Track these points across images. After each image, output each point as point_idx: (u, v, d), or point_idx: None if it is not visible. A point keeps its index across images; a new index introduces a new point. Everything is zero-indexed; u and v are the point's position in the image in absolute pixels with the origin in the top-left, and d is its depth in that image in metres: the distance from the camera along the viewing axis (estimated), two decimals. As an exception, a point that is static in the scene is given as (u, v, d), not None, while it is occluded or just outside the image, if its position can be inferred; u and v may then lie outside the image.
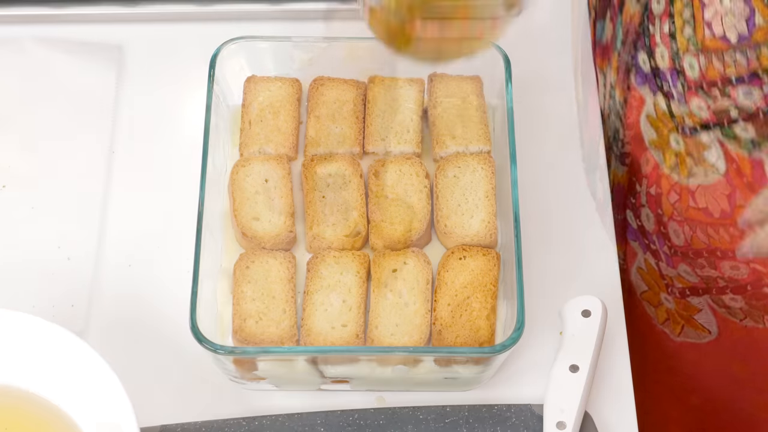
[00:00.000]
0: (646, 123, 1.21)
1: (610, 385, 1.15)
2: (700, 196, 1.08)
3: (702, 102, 1.13)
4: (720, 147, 1.16)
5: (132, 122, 1.30)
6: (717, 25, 1.08)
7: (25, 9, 1.35)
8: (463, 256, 1.13)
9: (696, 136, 1.17)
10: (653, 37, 1.15)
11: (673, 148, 1.20)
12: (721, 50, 1.09)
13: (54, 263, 1.21)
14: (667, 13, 1.12)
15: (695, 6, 1.09)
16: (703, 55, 1.11)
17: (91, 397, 1.05)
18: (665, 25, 1.13)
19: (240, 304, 1.12)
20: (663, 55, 1.14)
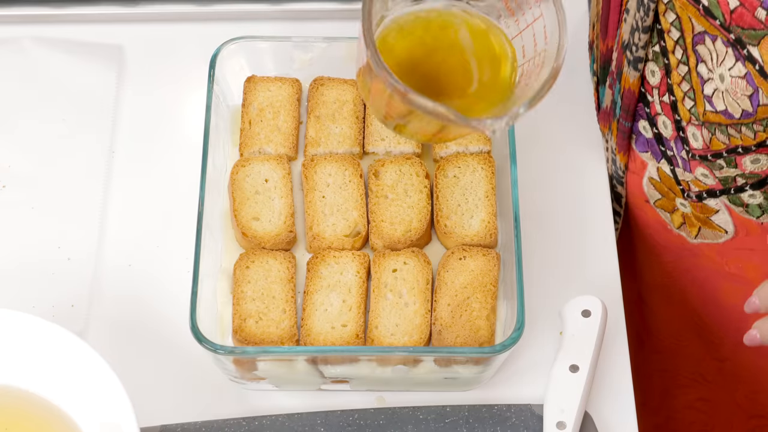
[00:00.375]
0: (650, 185, 1.21)
1: (610, 385, 1.15)
2: (718, 101, 1.08)
3: (707, 171, 1.13)
4: (728, 211, 1.16)
5: (132, 122, 1.30)
6: (718, 101, 1.08)
7: (25, 9, 1.35)
8: (463, 256, 1.13)
9: (703, 201, 1.17)
10: (653, 105, 1.15)
11: (680, 210, 1.20)
12: (724, 124, 1.09)
13: (54, 263, 1.21)
14: (665, 84, 1.12)
15: (694, 81, 1.09)
16: (706, 128, 1.11)
17: (91, 397, 1.05)
18: (664, 96, 1.13)
19: (240, 304, 1.12)
20: (665, 123, 1.14)
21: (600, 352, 1.14)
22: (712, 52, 1.06)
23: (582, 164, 1.28)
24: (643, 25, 1.10)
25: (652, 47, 1.12)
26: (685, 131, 1.13)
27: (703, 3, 1.03)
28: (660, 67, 1.12)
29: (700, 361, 1.35)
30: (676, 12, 1.07)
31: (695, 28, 1.06)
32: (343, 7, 1.36)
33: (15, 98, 1.30)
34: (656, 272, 1.31)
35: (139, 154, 1.28)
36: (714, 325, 1.30)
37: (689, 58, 1.08)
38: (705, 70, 1.07)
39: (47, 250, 1.22)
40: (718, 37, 1.04)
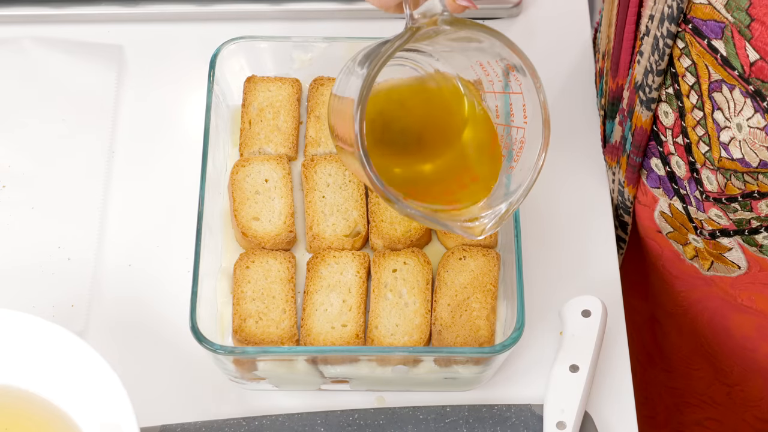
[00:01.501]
0: (661, 218, 1.21)
1: (610, 385, 1.15)
2: (734, 149, 1.08)
3: (721, 212, 1.13)
4: (741, 249, 1.16)
5: (132, 122, 1.30)
6: (735, 150, 1.07)
7: (25, 9, 1.35)
8: (463, 256, 1.13)
9: (716, 239, 1.17)
10: (666, 145, 1.14)
11: (693, 244, 1.20)
12: (740, 171, 1.08)
13: (54, 263, 1.21)
14: (679, 126, 1.11)
15: (709, 127, 1.08)
16: (721, 174, 1.10)
17: (91, 397, 1.05)
18: (678, 138, 1.12)
19: (240, 304, 1.12)
20: (679, 164, 1.14)
21: (600, 352, 1.14)
22: (730, 101, 1.05)
23: (582, 164, 1.28)
24: (658, 68, 1.09)
25: (666, 89, 1.11)
26: (699, 173, 1.12)
27: (722, 53, 1.02)
28: (674, 109, 1.11)
29: (709, 385, 1.35)
30: (692, 58, 1.06)
31: (712, 75, 1.05)
32: (343, 7, 1.36)
33: (15, 98, 1.30)
34: (667, 300, 1.30)
35: (139, 154, 1.28)
36: (724, 354, 1.30)
37: (704, 104, 1.07)
38: (722, 117, 1.06)
39: (47, 250, 1.22)
40: (737, 87, 1.03)
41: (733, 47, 1.01)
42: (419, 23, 0.99)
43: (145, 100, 1.32)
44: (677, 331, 1.32)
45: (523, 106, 1.04)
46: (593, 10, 1.58)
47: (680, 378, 1.37)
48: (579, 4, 1.38)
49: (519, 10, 1.37)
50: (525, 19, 1.37)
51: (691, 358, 1.34)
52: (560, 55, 1.34)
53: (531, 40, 1.35)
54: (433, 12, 0.99)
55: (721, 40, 1.02)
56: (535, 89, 1.03)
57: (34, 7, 1.35)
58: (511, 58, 1.02)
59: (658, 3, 1.06)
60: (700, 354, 1.32)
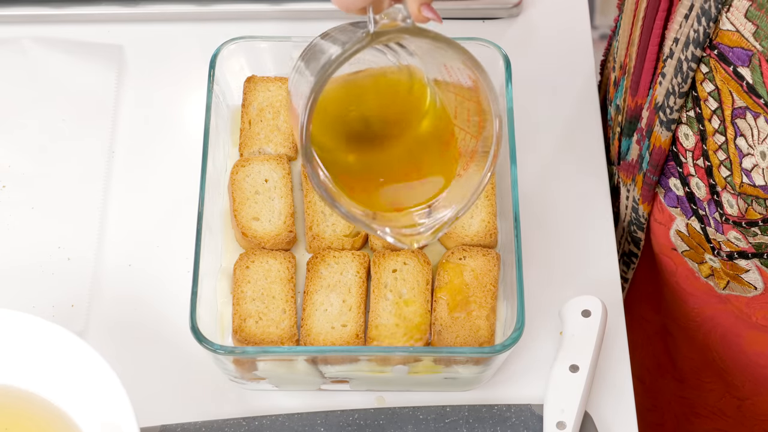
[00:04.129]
0: (677, 237, 1.21)
1: (610, 385, 1.15)
2: (757, 176, 1.07)
3: (740, 235, 1.13)
4: (758, 271, 1.15)
5: (132, 122, 1.30)
6: (758, 177, 1.07)
7: (25, 9, 1.35)
8: (463, 256, 1.13)
9: (733, 261, 1.16)
10: (686, 166, 1.14)
11: (709, 263, 1.20)
12: (763, 197, 1.08)
13: (54, 263, 1.21)
14: (700, 149, 1.11)
15: (731, 152, 1.07)
16: (742, 199, 1.10)
17: (91, 397, 1.05)
18: (699, 160, 1.12)
19: (240, 304, 1.12)
20: (699, 185, 1.13)
21: (600, 352, 1.14)
22: (753, 128, 1.04)
23: (582, 164, 1.28)
24: (680, 91, 1.08)
25: (687, 112, 1.10)
26: (719, 196, 1.11)
27: (748, 80, 1.02)
28: (694, 132, 1.10)
29: (720, 398, 1.34)
30: (715, 83, 1.05)
31: (735, 102, 1.04)
32: (343, 7, 1.35)
33: (15, 98, 1.30)
34: (679, 314, 1.30)
35: (139, 154, 1.28)
36: (736, 369, 1.29)
37: (727, 129, 1.07)
38: (744, 144, 1.06)
39: (47, 250, 1.22)
40: (761, 115, 1.03)
41: (760, 75, 1.01)
42: (380, 28, 0.97)
43: (145, 100, 1.32)
44: (689, 344, 1.32)
45: (479, 120, 1.03)
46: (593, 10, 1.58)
47: (690, 389, 1.37)
48: (579, 4, 1.38)
49: (519, 10, 1.37)
50: (525, 19, 1.37)
51: (702, 371, 1.34)
52: (560, 55, 1.34)
53: (531, 40, 1.35)
54: (394, 18, 0.97)
55: (748, 67, 1.01)
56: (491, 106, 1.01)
57: (34, 7, 1.35)
58: (471, 71, 1.00)
59: (684, 27, 1.05)
60: (711, 368, 1.32)
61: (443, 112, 1.07)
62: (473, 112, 1.03)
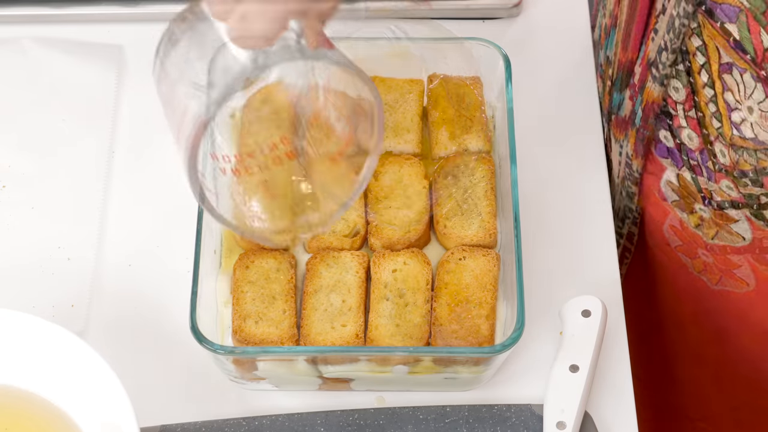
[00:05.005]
0: (667, 187, 1.21)
1: (610, 385, 1.15)
2: (746, 129, 1.07)
3: (732, 184, 1.13)
4: (748, 222, 1.15)
5: (132, 122, 1.30)
6: (747, 130, 1.07)
7: (25, 9, 1.35)
8: (463, 256, 1.13)
9: (724, 210, 1.17)
10: (676, 119, 1.14)
11: (698, 213, 1.20)
12: (753, 148, 1.08)
13: (54, 263, 1.21)
14: (691, 100, 1.11)
15: (720, 105, 1.08)
16: (733, 150, 1.10)
17: (91, 397, 1.05)
18: (690, 112, 1.12)
19: (240, 304, 1.12)
20: (691, 136, 1.13)
21: (600, 352, 1.14)
22: (740, 83, 1.04)
23: (582, 164, 1.28)
24: (672, 47, 1.08)
25: (676, 66, 1.10)
26: (712, 145, 1.12)
27: (735, 36, 1.02)
28: (684, 84, 1.10)
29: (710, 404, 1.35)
30: (702, 39, 1.06)
31: (722, 57, 1.05)
32: (343, 6, 1.35)
33: (15, 98, 1.30)
34: (671, 311, 1.30)
35: (139, 154, 1.28)
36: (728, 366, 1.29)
37: (714, 83, 1.07)
38: (732, 99, 1.06)
39: (47, 250, 1.22)
40: (748, 71, 1.03)
41: (747, 32, 1.01)
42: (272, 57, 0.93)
43: (145, 100, 1.31)
44: (683, 346, 1.32)
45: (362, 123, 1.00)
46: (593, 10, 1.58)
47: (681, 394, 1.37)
48: (579, 4, 1.38)
49: (519, 10, 1.37)
50: (525, 19, 1.37)
51: (694, 373, 1.34)
52: (560, 55, 1.34)
53: (531, 40, 1.35)
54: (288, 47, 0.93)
55: (735, 24, 1.01)
56: (374, 120, 0.98)
57: (34, 7, 1.35)
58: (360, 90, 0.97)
59: None
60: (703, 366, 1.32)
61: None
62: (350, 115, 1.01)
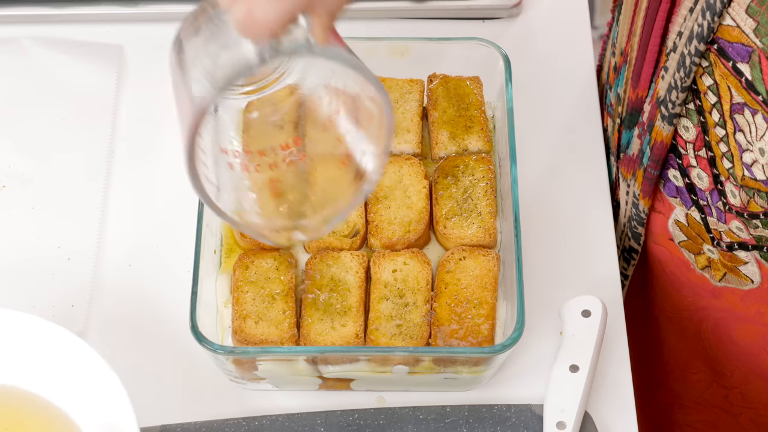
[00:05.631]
0: (675, 227, 1.21)
1: (610, 385, 1.15)
2: (757, 171, 1.06)
3: (742, 225, 1.12)
4: (757, 264, 1.15)
5: (132, 122, 1.30)
6: (758, 171, 1.06)
7: (25, 9, 1.35)
8: (463, 256, 1.13)
9: (733, 252, 1.16)
10: (686, 158, 1.13)
11: (706, 254, 1.19)
12: (764, 191, 1.08)
13: (54, 263, 1.21)
14: (702, 140, 1.10)
15: (732, 145, 1.07)
16: (744, 192, 1.09)
17: (91, 397, 1.05)
18: (701, 151, 1.11)
19: (240, 304, 1.12)
20: (701, 176, 1.13)
21: (600, 352, 1.14)
22: (752, 124, 1.04)
23: (582, 164, 1.28)
24: (683, 85, 1.08)
25: (687, 104, 1.10)
26: (723, 185, 1.11)
27: (747, 77, 1.01)
28: (695, 124, 1.10)
29: (707, 388, 1.34)
30: (714, 78, 1.05)
31: (734, 97, 1.04)
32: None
33: (15, 98, 1.30)
34: (669, 305, 1.30)
35: (139, 154, 1.28)
36: (725, 359, 1.29)
37: (726, 123, 1.06)
38: (743, 140, 1.06)
39: (47, 250, 1.22)
40: (759, 112, 1.02)
41: (760, 72, 1.00)
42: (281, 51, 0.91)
43: (145, 100, 1.32)
44: (678, 334, 1.32)
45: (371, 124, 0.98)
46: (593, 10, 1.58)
47: (675, 380, 1.37)
48: (579, 4, 1.38)
49: (519, 10, 1.37)
50: (525, 19, 1.37)
51: (690, 362, 1.34)
52: (560, 55, 1.34)
53: (531, 40, 1.35)
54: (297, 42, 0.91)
55: (748, 64, 1.01)
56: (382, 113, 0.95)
57: (34, 7, 1.35)
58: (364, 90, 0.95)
59: (688, 21, 1.05)
60: (700, 358, 1.32)
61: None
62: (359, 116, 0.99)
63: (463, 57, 1.21)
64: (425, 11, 1.36)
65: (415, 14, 1.37)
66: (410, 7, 1.36)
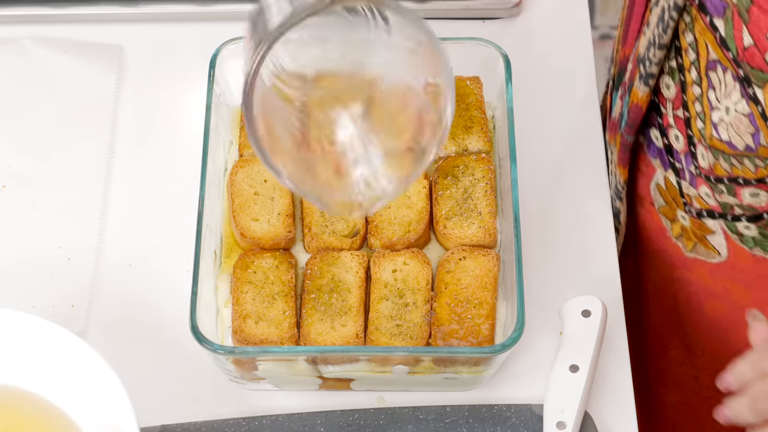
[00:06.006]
0: (656, 191, 1.21)
1: (610, 385, 1.15)
2: (722, 131, 1.07)
3: (710, 191, 1.13)
4: (724, 235, 1.16)
5: (132, 122, 1.30)
6: (723, 132, 1.07)
7: (25, 9, 1.35)
8: (463, 256, 1.13)
9: (701, 219, 1.17)
10: (665, 117, 1.14)
11: (680, 221, 1.20)
12: (728, 153, 1.09)
13: (54, 263, 1.21)
14: (680, 99, 1.11)
15: (705, 104, 1.08)
16: (711, 153, 1.10)
17: (91, 397, 1.05)
18: (678, 110, 1.12)
19: (240, 304, 1.12)
20: (677, 137, 1.13)
21: (600, 352, 1.14)
22: (722, 82, 1.04)
23: (582, 164, 1.28)
24: (660, 42, 1.08)
25: (669, 62, 1.10)
26: (695, 147, 1.12)
27: (720, 32, 1.02)
28: (676, 82, 1.11)
29: (680, 366, 1.35)
30: (694, 34, 1.06)
31: (710, 54, 1.05)
32: (344, 6, 1.35)
33: (15, 98, 1.30)
34: (653, 275, 1.30)
35: (139, 154, 1.28)
36: (697, 333, 1.30)
37: (702, 81, 1.07)
38: (714, 98, 1.06)
39: (47, 250, 1.22)
40: (729, 70, 1.03)
41: (731, 28, 1.01)
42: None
43: (145, 100, 1.32)
44: (659, 305, 1.33)
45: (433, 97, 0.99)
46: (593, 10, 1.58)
47: (656, 355, 1.37)
48: (579, 4, 1.38)
49: (519, 10, 1.37)
50: (525, 19, 1.37)
51: (668, 337, 1.34)
52: (560, 55, 1.34)
53: (531, 40, 1.35)
54: None
55: (722, 18, 1.01)
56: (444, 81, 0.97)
57: (34, 7, 1.35)
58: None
59: None
60: (676, 333, 1.32)
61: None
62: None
63: (463, 57, 1.21)
64: (425, 11, 1.36)
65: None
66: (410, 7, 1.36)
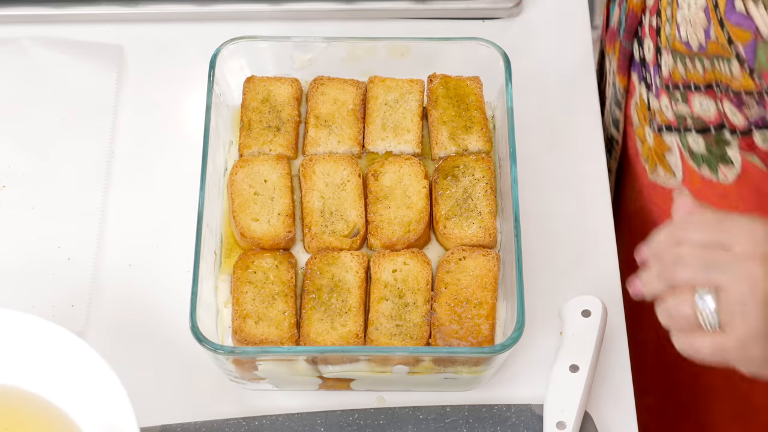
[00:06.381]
0: (634, 110, 1.21)
1: (610, 385, 1.15)
2: (683, 30, 1.09)
3: (668, 102, 1.14)
4: (678, 152, 1.16)
5: (132, 122, 1.30)
6: (683, 30, 1.08)
7: (25, 9, 1.35)
8: (463, 256, 1.13)
9: (662, 135, 1.17)
10: (643, 28, 1.15)
11: (647, 141, 1.20)
12: (684, 54, 1.09)
13: (54, 263, 1.21)
14: (656, 7, 1.12)
15: (674, 6, 1.09)
16: (671, 56, 1.11)
17: (91, 397, 1.05)
18: (653, 19, 1.13)
19: (240, 304, 1.12)
20: (649, 47, 1.14)
21: (600, 352, 1.14)
22: None
23: (582, 164, 1.28)
24: None
25: None
26: (661, 56, 1.13)
27: None
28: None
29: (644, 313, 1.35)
30: None
31: None
32: (343, 7, 1.36)
33: (15, 98, 1.30)
34: (632, 200, 1.31)
35: (139, 154, 1.28)
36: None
37: None
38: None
39: (47, 250, 1.22)
40: None
41: None
42: None
43: (145, 100, 1.32)
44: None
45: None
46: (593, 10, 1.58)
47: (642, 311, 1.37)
48: (579, 4, 1.38)
49: (519, 10, 1.37)
50: (525, 19, 1.37)
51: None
52: (560, 55, 1.34)
53: (531, 40, 1.35)
54: None
55: None
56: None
57: (34, 7, 1.35)
58: None
59: None
60: None
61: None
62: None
63: (463, 57, 1.21)
64: (425, 11, 1.36)
65: (415, 14, 1.37)
66: (410, 7, 1.36)
